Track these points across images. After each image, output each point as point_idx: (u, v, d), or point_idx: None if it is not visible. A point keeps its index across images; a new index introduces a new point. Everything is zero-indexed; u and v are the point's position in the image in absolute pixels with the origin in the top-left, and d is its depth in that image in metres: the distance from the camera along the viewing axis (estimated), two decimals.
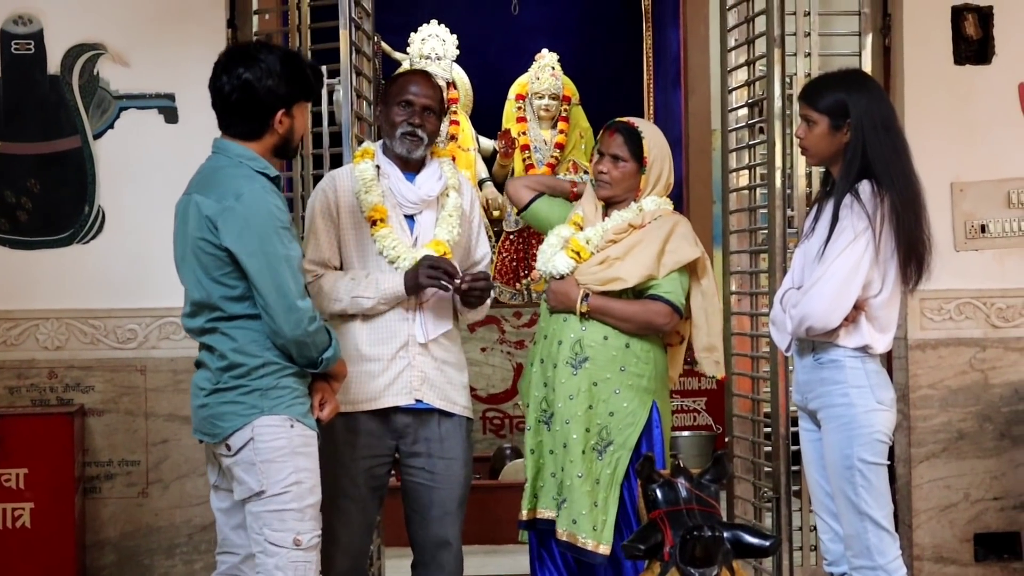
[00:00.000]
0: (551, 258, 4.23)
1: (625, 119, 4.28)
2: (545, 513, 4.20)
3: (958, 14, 5.16)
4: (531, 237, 7.65)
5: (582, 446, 4.11)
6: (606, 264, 4.15)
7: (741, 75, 5.19)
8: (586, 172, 7.45)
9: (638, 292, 4.16)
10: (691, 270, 4.20)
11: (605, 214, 4.28)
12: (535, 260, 4.45)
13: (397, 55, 8.00)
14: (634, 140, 4.20)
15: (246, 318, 3.43)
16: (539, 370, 4.26)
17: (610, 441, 4.12)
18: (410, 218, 4.04)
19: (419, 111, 4.00)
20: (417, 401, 3.96)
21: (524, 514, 4.25)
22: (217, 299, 3.42)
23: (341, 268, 4.04)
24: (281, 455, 3.41)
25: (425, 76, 4.16)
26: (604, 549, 4.06)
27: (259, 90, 3.45)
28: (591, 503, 4.09)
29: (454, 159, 7.45)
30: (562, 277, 4.19)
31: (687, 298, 4.20)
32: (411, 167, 4.06)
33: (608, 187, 4.23)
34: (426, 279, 3.87)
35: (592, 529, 4.07)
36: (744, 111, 5.19)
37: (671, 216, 4.23)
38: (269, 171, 3.49)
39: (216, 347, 3.45)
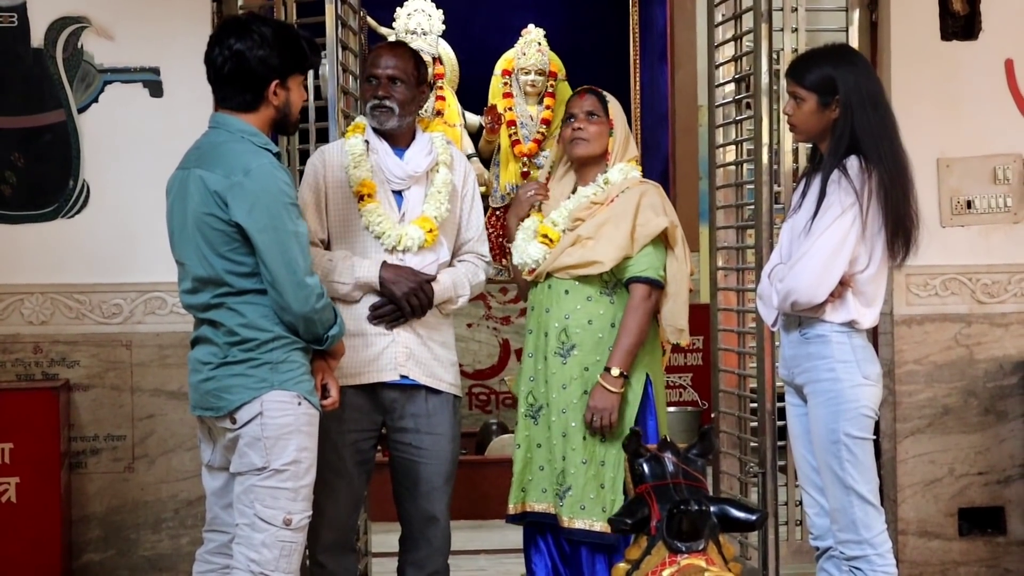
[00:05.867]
0: (525, 249, 4.22)
1: (591, 86, 4.31)
2: (536, 506, 4.20)
3: None
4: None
5: (583, 432, 4.10)
6: (579, 244, 4.12)
7: (728, 50, 5.19)
8: None
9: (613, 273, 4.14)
10: (663, 239, 4.18)
11: (572, 192, 4.26)
12: None
13: (383, 30, 7.97)
14: (604, 102, 4.23)
15: (254, 293, 3.41)
16: (529, 364, 4.24)
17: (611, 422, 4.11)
18: (398, 194, 4.03)
19: (385, 83, 3.98)
20: (403, 377, 3.96)
21: (511, 508, 4.24)
22: (224, 274, 3.40)
23: (328, 242, 4.03)
24: (286, 432, 3.41)
25: (391, 48, 4.16)
26: None
27: (251, 60, 3.43)
28: (598, 486, 4.08)
29: None
30: (536, 266, 4.16)
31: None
32: (400, 142, 4.04)
33: (585, 144, 4.19)
34: (403, 301, 3.92)
35: (602, 511, 4.06)
36: (731, 86, 5.20)
37: (638, 186, 4.19)
38: (271, 147, 3.48)
39: (223, 322, 3.42)
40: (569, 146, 4.23)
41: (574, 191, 4.25)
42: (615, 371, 4.05)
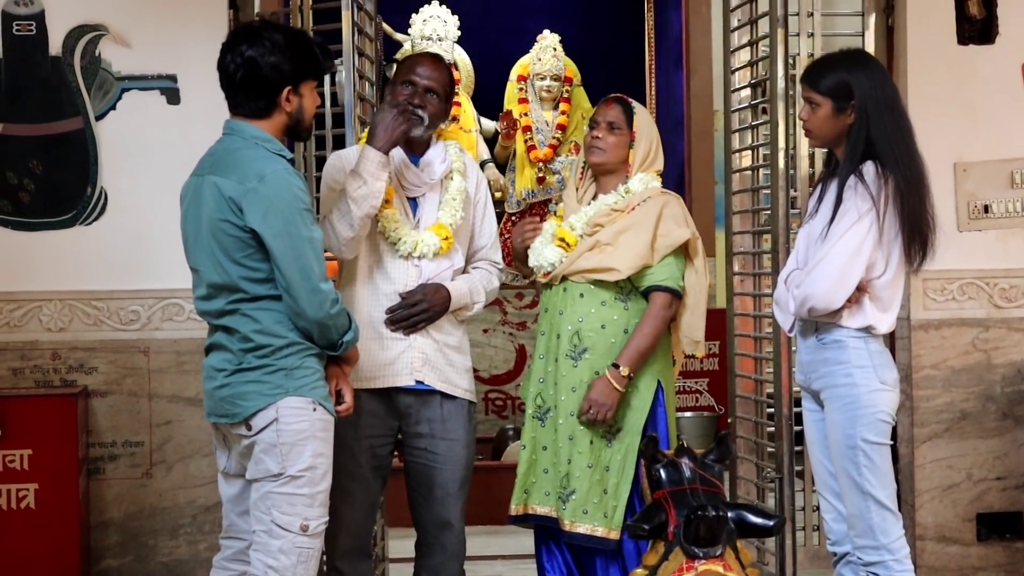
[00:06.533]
0: (541, 252, 4.22)
1: (621, 95, 4.30)
2: (538, 509, 4.19)
3: None
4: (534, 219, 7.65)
5: (589, 436, 4.10)
6: (597, 249, 4.12)
7: (744, 55, 5.19)
8: None
9: (630, 281, 4.14)
10: (683, 250, 4.18)
11: (593, 199, 4.26)
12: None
13: (398, 36, 7.98)
14: (629, 113, 4.22)
15: (269, 299, 3.42)
16: (539, 366, 4.24)
17: (619, 428, 4.10)
18: (413, 200, 4.04)
19: (421, 92, 3.98)
20: (418, 382, 3.96)
21: (514, 509, 4.23)
22: (238, 281, 3.41)
23: None
24: (302, 438, 3.42)
25: (433, 59, 4.13)
26: (615, 535, 4.05)
27: (263, 67, 3.43)
28: (601, 491, 4.08)
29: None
30: (552, 269, 4.16)
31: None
32: (416, 149, 4.04)
33: (601, 153, 4.19)
34: (395, 127, 3.84)
35: (603, 516, 4.06)
36: (747, 91, 5.20)
37: (660, 197, 4.18)
38: (285, 153, 3.49)
39: (238, 329, 3.43)
40: (586, 152, 4.25)
41: (594, 198, 4.25)
42: (624, 370, 4.04)
